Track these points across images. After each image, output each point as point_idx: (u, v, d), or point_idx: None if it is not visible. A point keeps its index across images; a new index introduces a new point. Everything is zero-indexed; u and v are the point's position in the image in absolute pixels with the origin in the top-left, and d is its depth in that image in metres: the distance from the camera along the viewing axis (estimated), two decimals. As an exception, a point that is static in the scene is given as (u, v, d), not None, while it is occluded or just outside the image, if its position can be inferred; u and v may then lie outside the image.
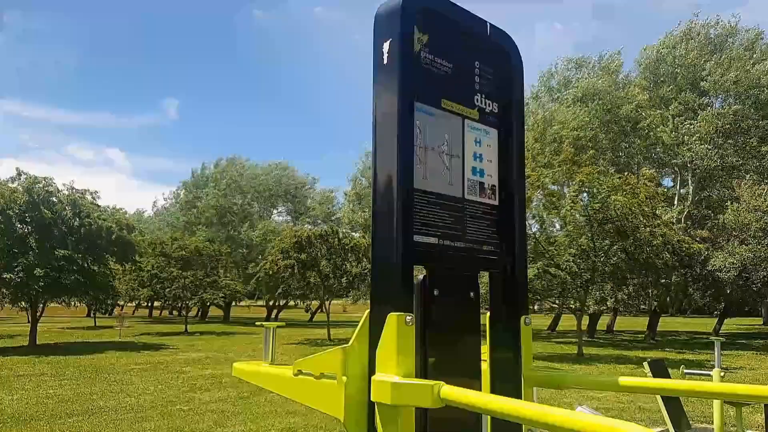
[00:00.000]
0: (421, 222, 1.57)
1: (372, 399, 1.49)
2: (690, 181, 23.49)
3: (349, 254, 23.54)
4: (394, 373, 1.45)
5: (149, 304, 44.57)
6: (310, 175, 48.92)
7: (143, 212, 56.92)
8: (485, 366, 1.75)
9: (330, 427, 7.80)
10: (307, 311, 33.68)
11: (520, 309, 1.77)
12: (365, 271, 23.27)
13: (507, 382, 1.72)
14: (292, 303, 41.85)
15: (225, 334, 26.38)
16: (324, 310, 38.13)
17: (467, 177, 1.69)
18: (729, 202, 19.61)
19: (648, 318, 24.46)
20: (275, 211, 47.28)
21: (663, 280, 17.05)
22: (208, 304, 31.92)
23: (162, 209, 51.11)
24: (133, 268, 25.69)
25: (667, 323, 32.06)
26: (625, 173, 18.57)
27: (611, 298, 17.73)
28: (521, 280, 1.79)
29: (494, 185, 1.77)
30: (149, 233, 35.42)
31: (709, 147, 21.55)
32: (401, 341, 1.47)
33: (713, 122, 21.60)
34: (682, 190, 24.04)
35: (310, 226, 36.73)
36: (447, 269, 1.66)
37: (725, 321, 28.65)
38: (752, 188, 18.45)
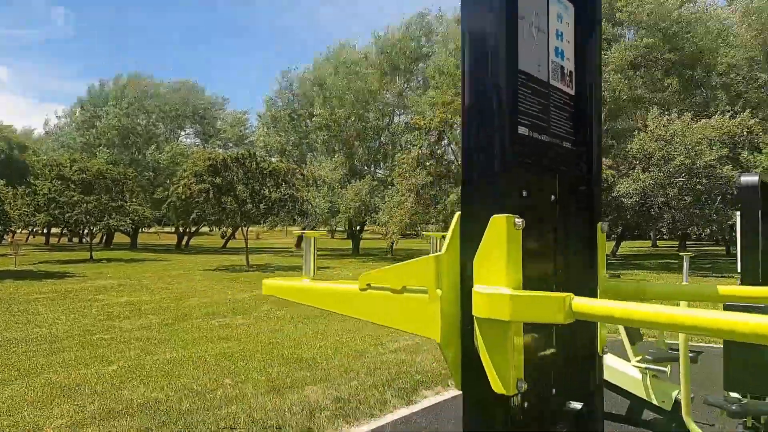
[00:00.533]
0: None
1: (475, 314, 1.26)
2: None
3: (267, 179, 22.81)
4: (502, 284, 1.23)
5: (46, 231, 41.58)
6: (220, 95, 46.38)
7: (32, 131, 51.94)
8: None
9: (266, 351, 7.65)
10: (223, 237, 32.83)
11: (596, 214, 1.59)
12: (285, 196, 22.74)
13: (583, 295, 1.55)
14: (204, 229, 40.60)
15: (134, 261, 25.22)
16: (237, 237, 37.39)
17: (551, 58, 1.43)
18: (636, 132, 20.69)
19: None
20: (183, 133, 44.74)
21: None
22: (114, 230, 30.21)
23: (56, 129, 46.80)
24: (27, 191, 23.54)
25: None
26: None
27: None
28: (597, 183, 1.60)
29: (572, 71, 1.53)
30: (42, 154, 32.46)
31: (621, 78, 22.39)
32: (511, 247, 1.23)
33: (625, 54, 22.34)
34: (592, 120, 25.02)
35: (221, 150, 35.19)
36: (534, 167, 1.43)
37: (621, 243, 31.13)
38: (657, 119, 19.51)
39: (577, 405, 1.63)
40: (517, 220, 1.24)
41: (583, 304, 1.16)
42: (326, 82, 32.14)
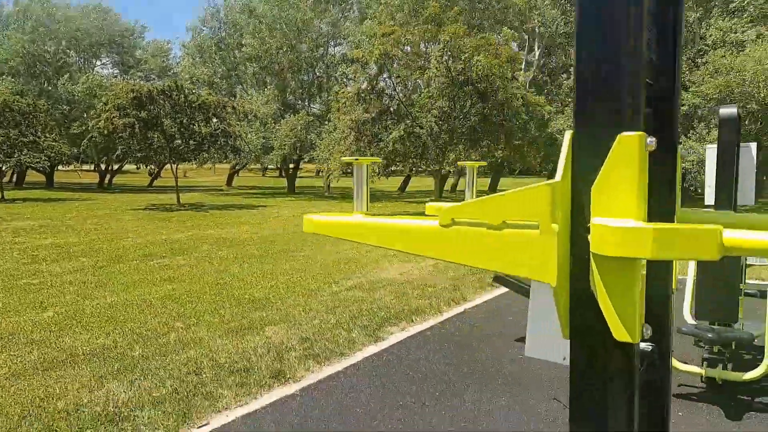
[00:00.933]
0: None
1: (596, 251, 1.06)
2: (536, 47, 24.55)
3: (197, 113, 21.56)
4: (631, 216, 1.02)
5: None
6: (139, 22, 42.92)
7: None
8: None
9: (214, 292, 7.33)
10: (150, 175, 31.21)
11: (676, 138, 1.41)
12: (216, 131, 21.65)
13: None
14: (128, 167, 38.44)
15: (53, 201, 23.56)
16: (163, 175, 35.61)
17: None
18: (572, 68, 20.93)
19: (490, 178, 26.44)
20: (98, 63, 41.35)
21: (517, 142, 18.18)
22: (27, 167, 28.00)
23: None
24: None
25: (503, 183, 35.13)
26: (487, 33, 18.69)
27: (465, 158, 18.59)
28: (677, 101, 1.42)
29: None
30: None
31: (558, 13, 22.37)
32: (641, 172, 1.02)
33: (563, -12, 22.24)
34: (529, 56, 25.16)
35: (142, 81, 32.85)
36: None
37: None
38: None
39: (647, 347, 1.52)
40: (649, 139, 1.06)
41: (734, 237, 0.99)
42: (256, 10, 30.30)
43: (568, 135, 1.18)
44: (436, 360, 4.75)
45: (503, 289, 7.00)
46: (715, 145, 4.22)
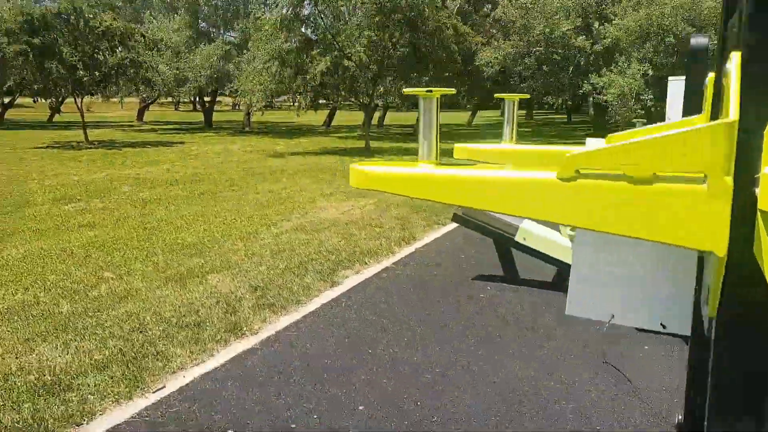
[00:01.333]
0: None
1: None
2: (463, -24, 23.95)
3: (101, 41, 19.57)
4: None
5: None
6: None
7: None
8: None
9: (142, 238, 6.77)
10: (51, 109, 28.47)
11: None
12: (125, 61, 19.82)
13: None
14: (25, 101, 34.97)
15: (-63, 140, 21.04)
16: (63, 110, 32.67)
17: None
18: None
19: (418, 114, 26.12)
20: (-24, -18, 36.39)
21: (447, 74, 17.88)
22: None
23: None
24: None
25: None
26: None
27: (395, 91, 18.19)
28: None
29: None
30: None
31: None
32: None
33: None
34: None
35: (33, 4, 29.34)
36: None
37: (476, 113, 32.48)
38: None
39: None
40: None
41: None
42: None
43: (736, 58, 0.92)
44: (397, 303, 4.60)
45: (451, 227, 6.92)
46: (681, 79, 4.13)
